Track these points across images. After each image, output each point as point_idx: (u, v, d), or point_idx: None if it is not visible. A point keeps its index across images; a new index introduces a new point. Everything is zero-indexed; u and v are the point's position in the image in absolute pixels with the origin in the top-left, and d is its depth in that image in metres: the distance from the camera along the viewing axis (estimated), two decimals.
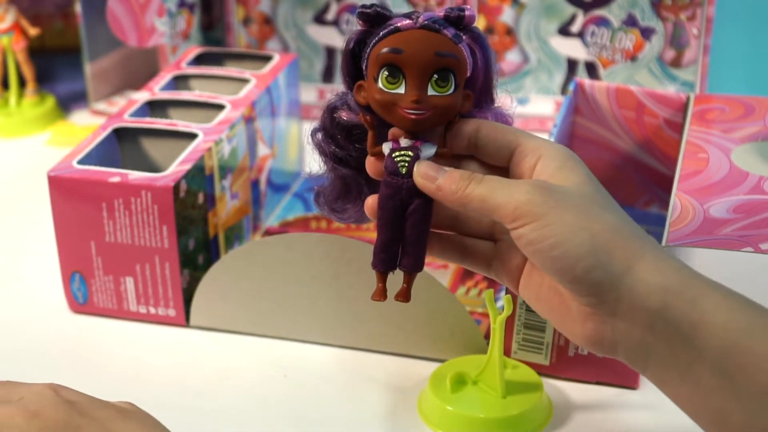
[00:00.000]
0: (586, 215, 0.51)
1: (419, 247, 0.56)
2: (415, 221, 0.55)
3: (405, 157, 0.54)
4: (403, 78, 0.53)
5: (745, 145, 0.81)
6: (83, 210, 0.79)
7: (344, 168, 0.59)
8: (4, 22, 1.13)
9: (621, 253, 0.50)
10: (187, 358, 0.78)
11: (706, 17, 1.05)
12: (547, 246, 0.51)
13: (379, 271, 0.56)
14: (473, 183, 0.53)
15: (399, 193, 0.55)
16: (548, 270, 0.52)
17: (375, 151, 0.56)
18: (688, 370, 0.50)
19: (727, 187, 0.75)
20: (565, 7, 1.09)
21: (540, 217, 0.51)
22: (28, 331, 0.81)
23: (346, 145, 0.58)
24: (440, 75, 0.53)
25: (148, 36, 1.11)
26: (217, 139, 0.84)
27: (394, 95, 0.53)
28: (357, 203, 0.60)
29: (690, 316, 0.49)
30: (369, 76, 0.54)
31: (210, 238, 0.83)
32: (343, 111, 0.57)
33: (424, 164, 0.54)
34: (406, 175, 0.54)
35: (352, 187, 0.60)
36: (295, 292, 0.77)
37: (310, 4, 1.15)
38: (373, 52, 0.54)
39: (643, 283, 0.50)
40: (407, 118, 0.53)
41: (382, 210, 0.55)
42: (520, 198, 0.51)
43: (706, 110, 0.86)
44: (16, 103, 1.16)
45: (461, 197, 0.53)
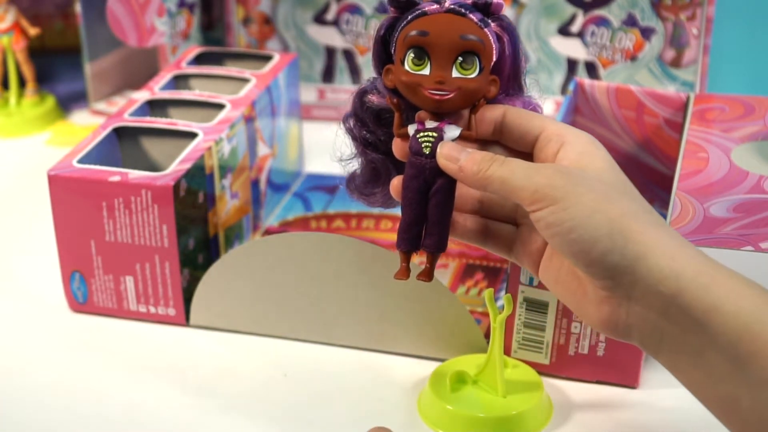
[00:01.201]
0: (604, 199, 0.52)
1: (442, 228, 0.57)
2: (438, 201, 0.56)
3: (429, 137, 0.55)
4: (428, 60, 0.54)
5: (745, 145, 0.81)
6: (83, 209, 0.79)
7: (374, 152, 0.60)
8: (4, 22, 1.13)
9: (637, 238, 0.51)
10: (186, 358, 0.78)
11: (706, 17, 1.05)
12: (565, 229, 0.51)
13: (402, 251, 0.57)
14: (495, 164, 0.53)
15: (423, 173, 0.56)
16: (566, 253, 0.52)
17: (401, 133, 0.57)
18: (700, 355, 0.51)
19: (727, 186, 0.75)
20: (565, 7, 1.09)
21: (559, 201, 0.51)
22: (28, 330, 0.81)
23: (376, 129, 0.59)
24: (465, 58, 0.54)
25: (148, 36, 1.11)
26: (217, 138, 0.84)
27: (419, 76, 0.54)
28: (385, 188, 0.61)
29: (703, 302, 0.50)
30: (396, 59, 0.55)
31: (210, 237, 0.83)
32: (372, 95, 0.58)
33: (447, 145, 0.55)
34: (430, 155, 0.55)
35: (381, 171, 0.61)
36: (295, 292, 0.77)
37: (310, 4, 1.15)
38: (400, 36, 0.55)
39: (658, 268, 0.51)
40: (431, 99, 0.54)
41: (406, 190, 0.56)
42: (540, 181, 0.52)
43: (706, 110, 0.87)
44: (16, 103, 1.16)
45: (482, 178, 0.53)
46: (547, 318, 0.73)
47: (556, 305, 0.72)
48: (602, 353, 0.73)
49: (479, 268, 0.87)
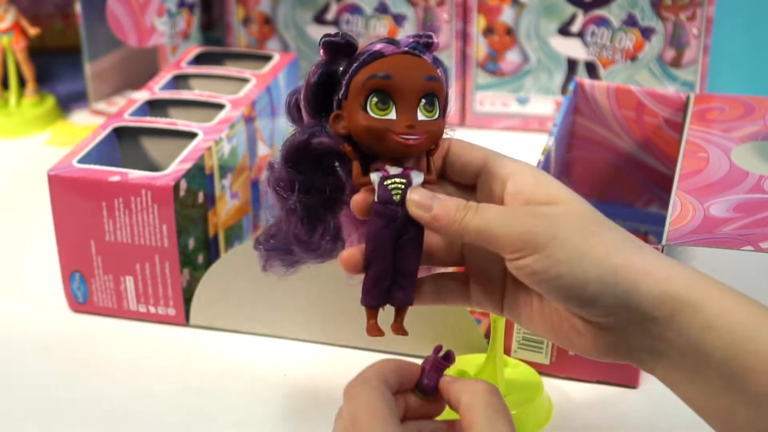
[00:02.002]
0: (586, 239, 0.51)
1: (412, 279, 0.55)
2: (409, 251, 0.54)
3: (398, 184, 0.53)
4: (392, 103, 0.51)
5: (744, 145, 0.81)
6: (83, 209, 0.79)
7: (313, 197, 0.56)
8: (4, 22, 1.13)
9: (626, 272, 0.50)
10: (187, 358, 0.78)
11: (706, 17, 1.05)
12: (552, 276, 0.50)
13: (371, 308, 0.55)
14: (470, 213, 0.52)
15: (393, 222, 0.53)
16: (556, 298, 0.51)
17: (363, 182, 0.53)
18: (696, 371, 0.51)
19: (727, 186, 0.75)
20: (565, 7, 1.09)
21: (542, 248, 0.50)
22: (28, 330, 0.81)
23: (314, 176, 0.56)
24: (427, 100, 0.52)
25: (148, 36, 1.11)
26: (217, 138, 0.84)
27: (386, 121, 0.51)
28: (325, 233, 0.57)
29: (697, 320, 0.50)
30: (351, 105, 0.52)
31: (210, 237, 0.83)
32: (314, 139, 0.54)
33: (417, 192, 0.53)
34: (400, 203, 0.53)
35: (320, 215, 0.57)
36: (295, 292, 0.77)
37: (310, 4, 1.15)
38: (356, 79, 0.52)
39: (651, 295, 0.50)
40: (402, 144, 0.52)
41: (374, 241, 0.53)
42: (519, 228, 0.51)
43: (706, 110, 0.87)
44: (16, 103, 1.16)
45: (458, 229, 0.52)
46: None
47: None
48: None
49: None
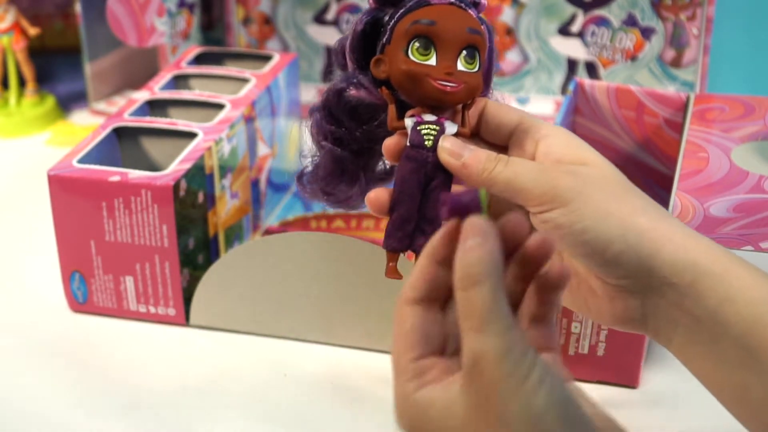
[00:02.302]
0: (614, 198, 0.51)
1: (436, 226, 0.54)
2: (436, 197, 0.54)
3: (431, 130, 0.54)
4: (434, 50, 0.53)
5: (745, 145, 0.81)
6: (83, 209, 0.79)
7: (343, 150, 0.58)
8: (4, 22, 1.13)
9: (650, 235, 0.51)
10: (187, 358, 0.78)
11: (706, 17, 1.05)
12: (577, 230, 0.51)
13: (392, 251, 0.56)
14: (500, 164, 0.52)
15: (424, 167, 0.54)
16: (577, 254, 0.52)
17: (397, 125, 0.55)
18: (713, 344, 0.51)
19: (727, 186, 0.75)
20: (565, 7, 1.09)
21: (569, 202, 0.51)
22: (28, 330, 0.81)
23: (350, 126, 0.57)
24: (468, 52, 0.53)
25: (148, 36, 1.11)
26: (217, 138, 0.84)
27: (426, 66, 0.53)
28: (351, 186, 0.59)
29: (717, 291, 0.50)
30: (394, 49, 0.53)
31: (210, 237, 0.83)
32: (352, 88, 0.56)
33: (450, 140, 0.54)
34: (432, 149, 0.54)
35: (347, 169, 0.59)
36: (295, 292, 0.77)
37: (310, 4, 1.15)
38: (401, 24, 0.53)
39: (672, 260, 0.50)
40: (439, 90, 0.53)
41: (402, 184, 0.54)
42: (548, 182, 0.51)
43: (706, 110, 0.87)
44: (16, 103, 1.16)
45: (487, 179, 0.52)
46: None
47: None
48: (602, 353, 0.73)
49: None
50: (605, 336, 0.72)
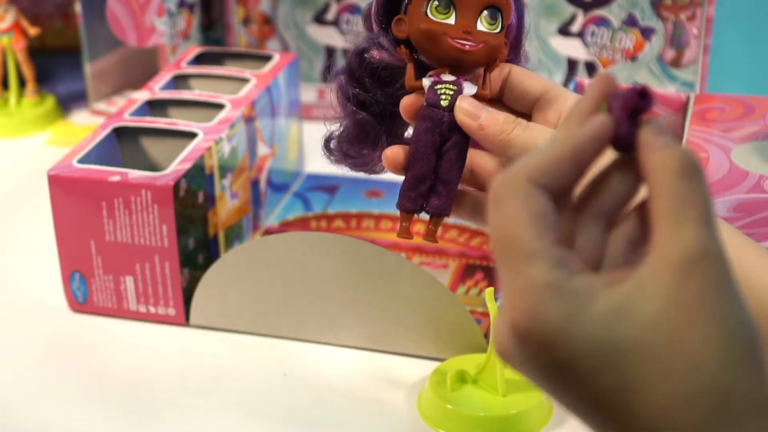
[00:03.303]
0: None
1: (451, 188, 0.55)
2: (451, 158, 0.54)
3: (448, 89, 0.53)
4: (453, 9, 0.52)
5: (744, 145, 0.81)
6: (83, 209, 0.79)
7: (365, 112, 0.57)
8: (4, 22, 1.13)
9: None
10: (186, 358, 0.78)
11: (706, 17, 1.05)
12: None
13: (405, 211, 0.55)
14: (518, 128, 0.52)
15: (438, 127, 0.54)
16: None
17: (414, 85, 0.54)
18: None
19: (727, 186, 0.75)
20: (565, 7, 1.09)
21: None
22: (28, 330, 0.81)
23: (372, 88, 0.57)
24: (490, 12, 0.53)
25: (148, 36, 1.11)
26: (217, 138, 0.84)
27: (444, 25, 0.52)
28: (374, 150, 0.58)
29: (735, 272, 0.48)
30: (414, 8, 0.53)
31: (210, 237, 0.83)
32: (374, 50, 0.56)
33: (467, 100, 0.53)
34: (448, 108, 0.53)
35: (369, 132, 0.58)
36: (295, 292, 0.77)
37: (310, 4, 1.15)
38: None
39: None
40: (456, 48, 0.52)
41: (417, 143, 0.54)
42: None
43: (706, 110, 0.86)
44: (16, 103, 1.16)
45: (504, 140, 0.51)
46: None
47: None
48: None
49: (479, 268, 0.87)
50: None
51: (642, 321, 0.36)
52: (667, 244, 0.37)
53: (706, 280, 0.36)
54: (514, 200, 0.38)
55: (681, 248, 0.37)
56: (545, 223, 0.38)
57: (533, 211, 0.38)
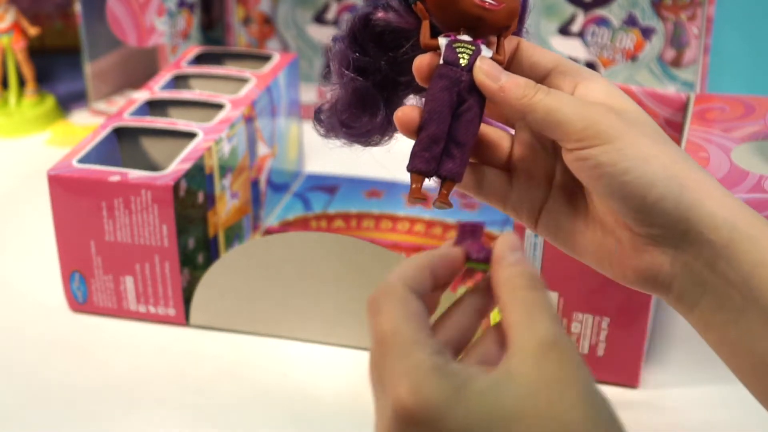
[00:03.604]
0: (656, 144, 0.49)
1: (465, 151, 0.52)
2: (466, 120, 0.52)
3: (466, 49, 0.52)
4: None
5: (744, 145, 0.81)
6: (83, 209, 0.79)
7: (365, 80, 0.55)
8: (4, 22, 1.13)
9: (692, 185, 0.49)
10: (186, 357, 0.78)
11: (706, 17, 1.05)
12: (619, 170, 0.49)
13: (418, 173, 0.52)
14: (541, 92, 0.50)
15: (456, 86, 0.52)
16: (613, 195, 0.49)
17: (430, 43, 0.52)
18: (740, 312, 0.48)
19: (728, 186, 0.75)
20: (565, 7, 1.09)
21: (614, 140, 0.49)
22: (28, 330, 0.81)
23: (375, 54, 0.55)
24: None
25: (148, 36, 1.11)
26: (217, 138, 0.84)
27: None
28: (372, 119, 0.56)
29: (752, 254, 0.48)
30: None
31: (210, 237, 0.83)
32: (380, 11, 0.53)
33: (487, 61, 0.51)
34: (467, 68, 0.52)
35: (368, 101, 0.56)
36: (295, 292, 0.77)
37: (310, 4, 1.15)
38: None
39: (712, 216, 0.48)
40: (479, 5, 0.51)
41: (433, 102, 0.52)
42: (593, 117, 0.49)
43: (706, 110, 0.86)
44: (16, 103, 1.16)
45: (526, 104, 0.50)
46: None
47: (556, 305, 0.72)
48: (602, 353, 0.73)
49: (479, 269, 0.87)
50: (605, 336, 0.72)
51: (517, 395, 0.40)
52: (524, 337, 0.41)
53: (563, 358, 0.41)
54: (394, 303, 0.43)
55: (536, 337, 0.41)
56: (422, 321, 0.43)
57: (411, 311, 0.43)
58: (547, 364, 0.41)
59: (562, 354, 0.41)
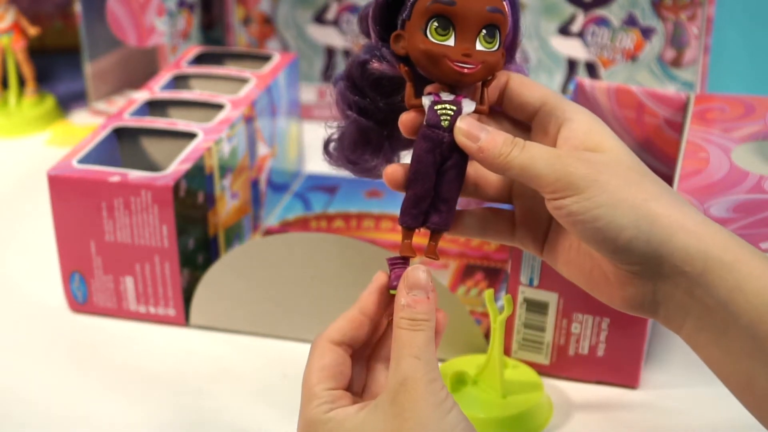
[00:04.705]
0: (627, 185, 0.52)
1: (451, 205, 0.55)
2: (450, 177, 0.54)
3: (448, 110, 0.54)
4: (453, 30, 0.52)
5: (745, 145, 0.81)
6: (83, 209, 0.79)
7: (367, 120, 0.58)
8: (3, 22, 1.13)
9: (663, 221, 0.51)
10: (186, 358, 0.78)
11: (706, 17, 1.05)
12: (589, 218, 0.51)
13: (407, 228, 0.56)
14: (516, 149, 0.53)
15: (439, 147, 0.54)
16: (588, 240, 0.52)
17: (414, 103, 0.54)
18: (722, 333, 0.51)
19: (728, 186, 0.75)
20: (565, 6, 1.09)
21: (584, 190, 0.51)
22: (28, 330, 0.81)
23: (374, 97, 0.57)
24: (488, 31, 0.53)
25: (148, 36, 1.11)
26: (217, 138, 0.84)
27: (443, 47, 0.52)
28: (376, 155, 0.59)
29: (727, 281, 0.50)
30: (413, 27, 0.53)
31: (210, 237, 0.83)
32: (375, 61, 0.55)
33: (466, 120, 0.54)
34: (448, 129, 0.54)
35: (371, 139, 0.58)
36: (295, 292, 0.77)
37: (310, 4, 1.15)
38: (421, 2, 0.53)
39: (684, 250, 0.51)
40: (456, 71, 0.53)
41: (418, 163, 0.54)
42: (563, 169, 0.52)
43: (706, 110, 0.86)
44: (16, 103, 1.16)
45: (502, 163, 0.53)
46: (547, 318, 0.73)
47: (556, 306, 0.72)
48: (602, 353, 0.73)
49: (479, 269, 0.87)
50: (605, 336, 0.72)
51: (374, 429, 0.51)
52: (389, 377, 0.51)
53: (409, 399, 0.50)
54: (313, 355, 0.54)
55: (393, 379, 0.51)
56: (329, 373, 0.53)
57: (322, 364, 0.54)
58: (398, 403, 0.50)
59: (409, 392, 0.50)
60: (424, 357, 0.51)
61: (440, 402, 0.50)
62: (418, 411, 0.50)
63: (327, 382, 0.53)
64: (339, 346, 0.55)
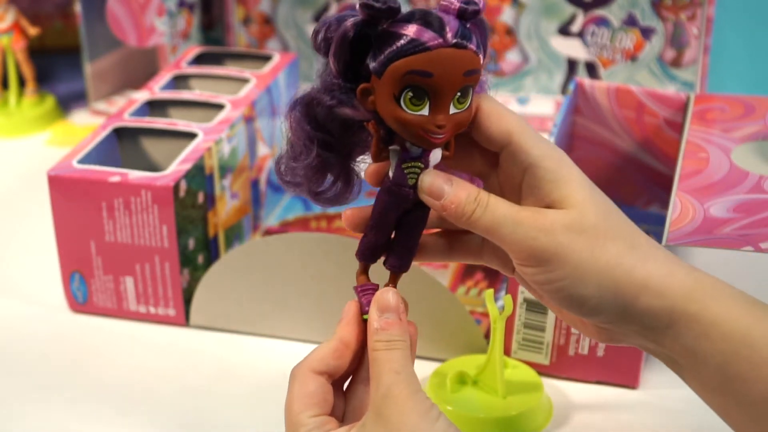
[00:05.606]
0: (590, 252, 0.52)
1: (411, 250, 0.55)
2: (411, 228, 0.54)
3: (415, 169, 0.53)
4: (427, 100, 0.50)
5: (745, 145, 0.81)
6: (83, 210, 0.79)
7: (330, 153, 0.54)
8: (3, 22, 1.13)
9: (626, 287, 0.52)
10: (186, 358, 0.78)
11: (706, 17, 1.05)
12: (554, 289, 0.52)
13: (364, 261, 0.56)
14: (479, 209, 0.53)
15: (404, 203, 0.53)
16: (556, 303, 0.53)
17: (380, 159, 0.53)
18: (696, 373, 0.53)
19: (727, 186, 0.75)
20: (565, 7, 1.09)
21: (545, 263, 0.52)
22: (28, 330, 0.81)
23: (341, 135, 0.54)
24: (462, 92, 0.51)
25: (148, 36, 1.11)
26: (217, 138, 0.84)
27: (417, 117, 0.50)
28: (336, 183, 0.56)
29: (693, 330, 0.52)
30: (384, 89, 0.50)
31: (210, 237, 0.83)
32: (345, 108, 0.52)
33: (430, 176, 0.53)
34: (414, 186, 0.53)
35: (334, 167, 0.55)
36: (295, 292, 0.77)
37: (310, 4, 1.15)
38: (394, 67, 0.50)
39: (648, 309, 0.52)
40: (429, 140, 0.51)
41: (380, 215, 0.54)
42: (524, 241, 0.52)
43: (706, 110, 0.86)
44: (16, 103, 1.16)
45: (467, 223, 0.53)
46: (547, 318, 0.73)
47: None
48: (602, 354, 0.73)
49: (479, 268, 0.87)
50: None
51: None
52: (372, 394, 0.52)
53: (394, 411, 0.51)
54: (295, 383, 0.54)
55: (376, 394, 0.52)
56: (313, 400, 0.54)
57: (305, 392, 0.54)
58: (384, 418, 0.51)
59: (391, 407, 0.51)
60: (404, 371, 0.52)
61: (426, 411, 0.51)
62: (405, 421, 0.50)
63: (312, 409, 0.54)
64: (321, 375, 0.55)
